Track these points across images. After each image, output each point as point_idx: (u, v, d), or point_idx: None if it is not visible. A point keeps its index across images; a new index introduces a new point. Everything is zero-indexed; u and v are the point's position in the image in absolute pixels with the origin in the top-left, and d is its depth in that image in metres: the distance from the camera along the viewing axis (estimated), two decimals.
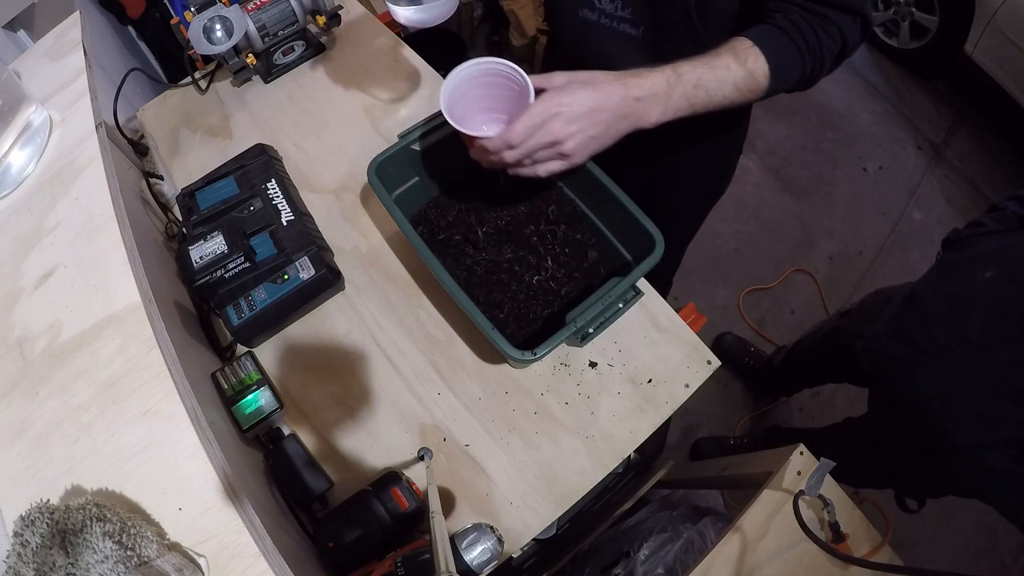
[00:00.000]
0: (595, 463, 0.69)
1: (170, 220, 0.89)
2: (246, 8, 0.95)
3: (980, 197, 2.06)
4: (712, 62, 0.60)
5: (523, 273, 0.75)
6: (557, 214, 0.78)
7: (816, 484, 0.70)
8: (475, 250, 0.76)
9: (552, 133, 0.56)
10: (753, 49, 0.60)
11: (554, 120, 0.56)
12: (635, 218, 0.68)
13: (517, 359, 0.60)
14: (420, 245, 0.65)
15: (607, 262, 0.77)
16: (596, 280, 0.77)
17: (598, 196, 0.73)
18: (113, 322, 0.62)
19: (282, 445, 0.68)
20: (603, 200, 0.73)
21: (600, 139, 0.59)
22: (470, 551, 0.53)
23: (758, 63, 0.60)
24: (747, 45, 0.61)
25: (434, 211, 0.80)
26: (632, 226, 0.69)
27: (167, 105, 1.02)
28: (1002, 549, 1.47)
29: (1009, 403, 0.73)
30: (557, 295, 0.75)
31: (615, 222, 0.74)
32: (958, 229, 0.89)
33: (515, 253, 0.75)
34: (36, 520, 0.46)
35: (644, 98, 0.58)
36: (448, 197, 0.81)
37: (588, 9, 0.73)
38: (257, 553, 0.49)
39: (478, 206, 0.79)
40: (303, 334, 0.79)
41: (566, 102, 0.56)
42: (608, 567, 0.97)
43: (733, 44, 0.61)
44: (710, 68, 0.60)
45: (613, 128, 0.59)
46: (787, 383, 1.55)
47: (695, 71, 0.59)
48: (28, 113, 0.76)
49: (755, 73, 0.60)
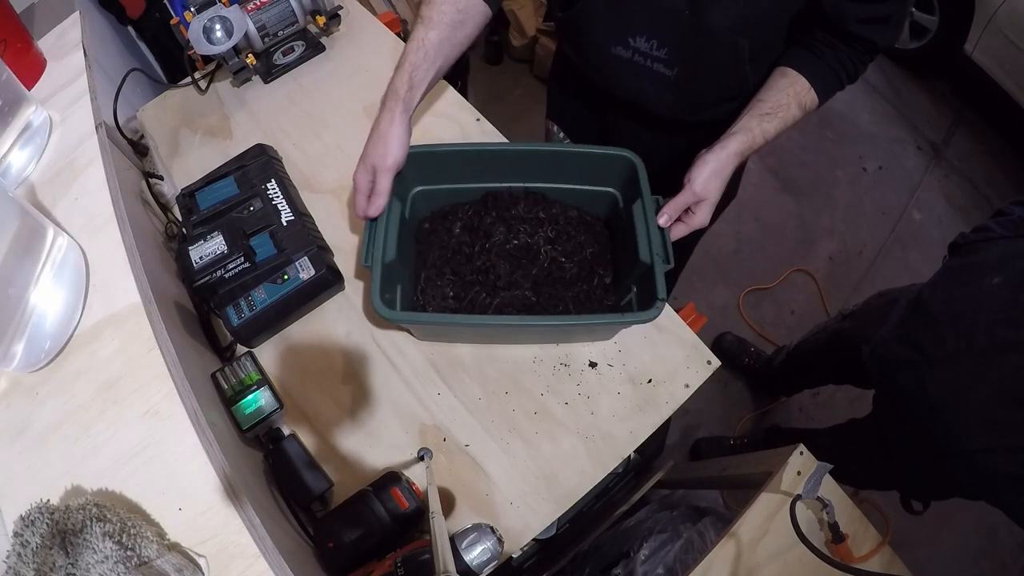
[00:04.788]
0: (595, 463, 0.69)
1: (170, 220, 0.89)
2: (246, 8, 0.95)
3: (980, 197, 2.06)
4: (785, 116, 0.69)
5: (530, 259, 0.77)
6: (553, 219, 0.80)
7: (813, 487, 0.70)
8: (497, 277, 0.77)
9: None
10: (811, 93, 0.69)
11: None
12: (602, 153, 0.74)
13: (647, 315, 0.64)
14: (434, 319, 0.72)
15: (598, 239, 0.81)
16: (598, 266, 0.78)
17: (561, 168, 0.78)
18: (113, 322, 0.62)
19: (282, 445, 0.68)
20: (566, 168, 0.78)
21: None
22: (470, 551, 0.53)
23: (812, 100, 0.70)
24: (806, 88, 0.69)
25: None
26: (607, 166, 0.75)
27: (167, 105, 1.02)
28: (1002, 549, 1.47)
29: (1018, 408, 0.73)
30: (563, 275, 0.77)
31: (585, 176, 0.79)
32: (965, 233, 0.89)
33: (537, 275, 0.77)
34: (36, 520, 0.46)
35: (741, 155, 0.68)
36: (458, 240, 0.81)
37: (622, 47, 0.74)
38: (257, 553, 0.50)
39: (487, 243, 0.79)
40: (303, 334, 0.79)
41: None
42: (608, 567, 0.97)
43: (797, 89, 0.69)
44: (783, 122, 0.69)
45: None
46: (787, 384, 1.55)
47: (773, 127, 0.68)
48: (28, 113, 0.76)
49: (806, 108, 0.70)
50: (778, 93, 0.69)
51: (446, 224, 0.81)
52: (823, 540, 0.72)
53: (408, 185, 0.77)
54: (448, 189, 0.80)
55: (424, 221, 0.82)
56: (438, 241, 0.79)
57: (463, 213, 0.81)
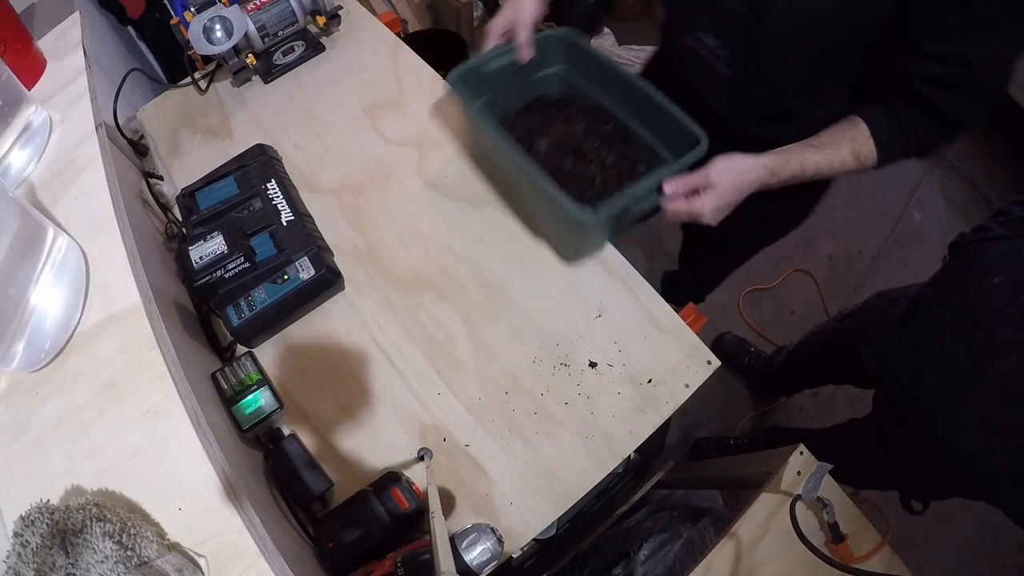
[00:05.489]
0: (595, 463, 0.69)
1: (170, 220, 0.89)
2: (246, 8, 0.95)
3: (980, 197, 2.05)
4: (832, 154, 0.68)
5: (580, 181, 0.79)
6: (611, 132, 0.82)
7: (813, 487, 0.70)
8: (537, 160, 0.80)
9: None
10: (869, 142, 0.67)
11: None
12: (679, 121, 0.72)
13: (579, 218, 0.65)
14: (493, 126, 0.75)
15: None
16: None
17: (644, 110, 0.79)
18: (113, 322, 0.62)
19: (282, 445, 0.68)
20: (648, 112, 0.78)
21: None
22: (470, 551, 0.53)
23: (870, 152, 0.67)
24: (865, 136, 0.67)
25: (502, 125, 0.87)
26: (676, 130, 0.73)
27: (167, 105, 1.02)
28: (1002, 549, 1.47)
29: (1018, 408, 0.73)
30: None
31: (657, 130, 0.79)
32: (965, 233, 0.89)
33: (574, 165, 0.80)
34: (36, 520, 0.46)
35: (775, 182, 0.69)
36: (513, 118, 0.88)
37: (693, 39, 0.77)
38: (257, 553, 0.50)
39: (539, 126, 0.84)
40: (303, 334, 0.79)
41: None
42: (608, 567, 0.97)
43: (854, 134, 0.67)
44: (828, 159, 0.68)
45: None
46: (788, 383, 1.54)
47: (815, 159, 0.68)
48: (28, 113, 0.76)
49: (862, 159, 0.68)
50: (833, 132, 0.69)
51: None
52: (823, 540, 0.72)
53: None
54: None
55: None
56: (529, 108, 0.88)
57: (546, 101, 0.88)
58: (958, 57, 0.59)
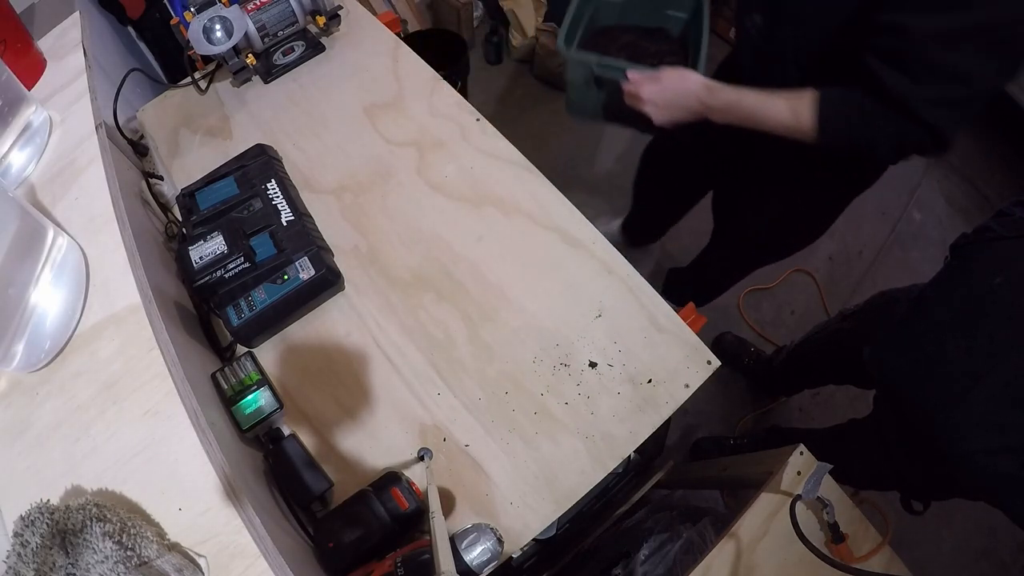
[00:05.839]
0: (595, 463, 0.69)
1: (170, 220, 0.89)
2: (246, 8, 0.95)
3: (980, 197, 2.05)
4: (767, 99, 0.76)
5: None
6: (667, 50, 1.13)
7: (813, 488, 0.70)
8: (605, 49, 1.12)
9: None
10: (810, 103, 0.72)
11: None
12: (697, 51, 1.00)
13: (559, 45, 1.04)
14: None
15: None
16: None
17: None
18: (113, 322, 0.62)
19: (282, 445, 0.68)
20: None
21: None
22: (470, 551, 0.53)
23: (808, 113, 0.72)
24: (809, 97, 0.72)
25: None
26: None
27: (167, 105, 1.02)
28: (1002, 549, 1.46)
29: (1018, 409, 0.73)
30: None
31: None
32: (966, 234, 0.89)
33: (629, 55, 1.10)
34: (36, 520, 0.46)
35: (715, 104, 0.81)
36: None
37: (748, 20, 0.87)
38: (257, 553, 0.50)
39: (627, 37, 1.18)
40: (303, 334, 0.79)
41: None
42: (608, 567, 0.97)
43: (799, 93, 0.73)
44: (763, 102, 0.76)
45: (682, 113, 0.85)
46: (788, 384, 1.54)
47: (752, 97, 0.77)
48: (28, 113, 0.76)
49: (798, 115, 0.73)
50: (781, 89, 0.75)
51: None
52: (823, 540, 0.72)
53: None
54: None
55: None
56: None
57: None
58: (898, 25, 0.62)
